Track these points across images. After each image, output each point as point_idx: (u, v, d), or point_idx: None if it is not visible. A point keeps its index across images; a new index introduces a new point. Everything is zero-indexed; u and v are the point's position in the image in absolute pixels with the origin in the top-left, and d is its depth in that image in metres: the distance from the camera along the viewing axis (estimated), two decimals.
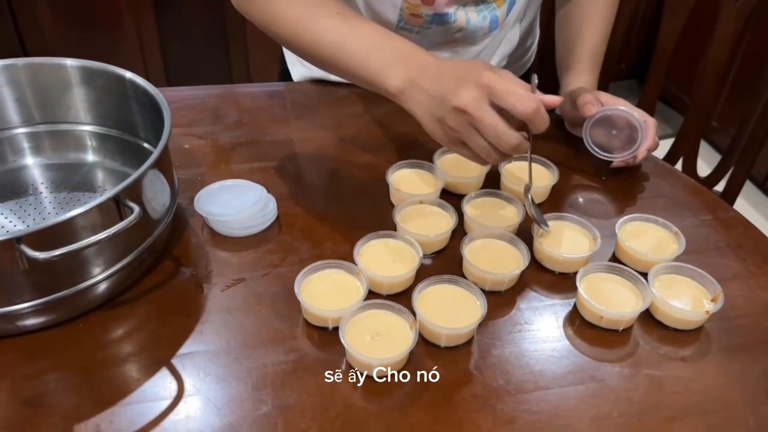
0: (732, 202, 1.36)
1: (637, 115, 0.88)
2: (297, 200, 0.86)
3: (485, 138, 0.67)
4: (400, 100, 0.72)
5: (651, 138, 0.89)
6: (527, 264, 0.74)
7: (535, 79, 0.71)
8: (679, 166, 1.39)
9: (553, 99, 0.69)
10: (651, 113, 1.38)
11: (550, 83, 1.20)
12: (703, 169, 1.39)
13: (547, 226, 0.79)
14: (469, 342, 0.69)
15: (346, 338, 0.65)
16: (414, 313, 0.68)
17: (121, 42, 2.08)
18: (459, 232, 0.82)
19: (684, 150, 1.38)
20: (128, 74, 0.79)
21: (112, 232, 0.61)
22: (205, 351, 0.67)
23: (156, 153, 0.69)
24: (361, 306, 0.68)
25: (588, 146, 0.92)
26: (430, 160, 0.89)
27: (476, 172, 0.89)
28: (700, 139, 1.39)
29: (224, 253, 0.78)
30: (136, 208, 0.63)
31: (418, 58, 0.72)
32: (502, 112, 0.66)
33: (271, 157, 0.94)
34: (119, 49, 2.09)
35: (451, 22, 0.96)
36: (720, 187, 1.38)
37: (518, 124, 0.67)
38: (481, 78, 0.65)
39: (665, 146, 1.42)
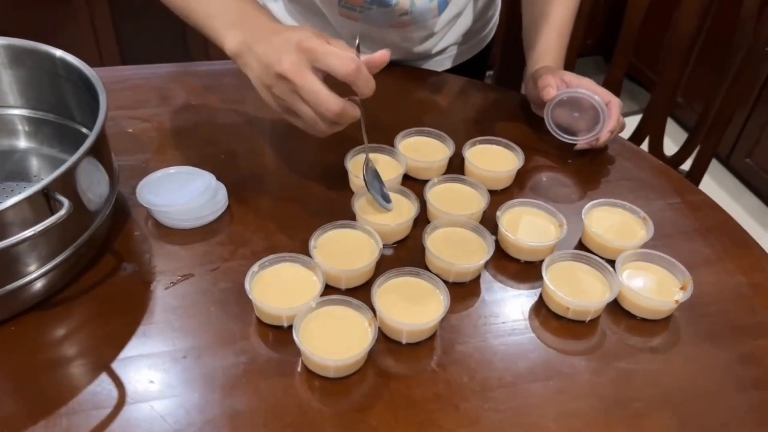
0: (698, 180, 1.35)
1: (598, 98, 0.85)
2: (249, 188, 0.81)
3: (308, 105, 0.64)
4: (238, 64, 0.70)
5: (614, 120, 0.86)
6: (491, 254, 0.71)
7: (357, 40, 0.70)
8: (645, 144, 1.37)
9: (378, 57, 0.65)
10: (617, 90, 1.36)
11: (515, 57, 1.16)
12: (670, 146, 1.37)
13: (389, 202, 0.76)
14: (431, 338, 0.66)
15: (301, 338, 0.61)
16: (373, 309, 0.64)
17: (71, 18, 1.97)
18: (422, 220, 0.78)
19: (651, 128, 1.37)
20: (58, 53, 0.73)
21: (38, 230, 0.56)
22: (149, 354, 0.62)
23: (89, 140, 0.63)
24: (317, 303, 0.64)
25: (550, 129, 0.89)
26: (392, 144, 0.85)
27: (439, 156, 0.85)
28: (667, 117, 1.37)
29: (170, 246, 0.73)
30: (66, 203, 0.58)
31: (256, 21, 0.69)
32: (327, 79, 0.64)
33: (222, 141, 0.89)
34: (68, 25, 1.98)
35: (393, 5, 0.92)
36: (687, 165, 1.36)
37: (350, 92, 0.65)
38: (302, 42, 0.63)
39: (632, 123, 1.40)
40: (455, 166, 0.86)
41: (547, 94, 0.86)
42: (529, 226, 0.76)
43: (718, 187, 2.23)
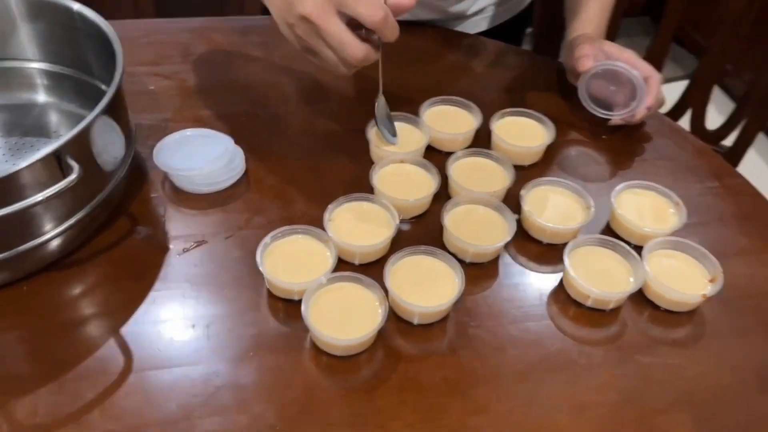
0: (740, 157, 1.28)
1: (636, 72, 0.80)
2: (268, 153, 0.80)
3: (332, 49, 0.62)
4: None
5: (653, 96, 0.81)
6: (512, 236, 0.68)
7: None
8: (688, 115, 1.31)
9: (405, 2, 0.62)
10: (663, 56, 1.29)
11: (557, 20, 1.10)
12: (714, 118, 1.30)
13: (394, 136, 0.77)
14: (444, 319, 0.64)
15: (310, 315, 0.60)
16: (386, 289, 0.62)
17: None
18: (443, 196, 0.75)
19: (695, 99, 1.30)
20: (76, 6, 0.71)
21: (47, 195, 0.55)
22: (158, 321, 0.62)
23: (104, 101, 0.62)
24: (328, 279, 0.62)
25: (584, 102, 0.84)
26: (417, 113, 0.82)
27: (465, 127, 0.81)
28: (712, 88, 1.30)
29: (186, 211, 0.72)
30: (76, 167, 0.57)
31: None
32: (351, 23, 0.62)
33: (244, 102, 0.87)
34: None
35: None
36: (730, 140, 1.29)
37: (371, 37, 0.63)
38: None
39: (676, 90, 1.33)
40: (482, 139, 0.83)
41: (583, 65, 0.82)
42: (554, 206, 0.73)
43: (765, 164, 2.13)
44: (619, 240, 0.69)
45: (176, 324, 0.62)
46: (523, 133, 0.81)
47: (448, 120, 0.83)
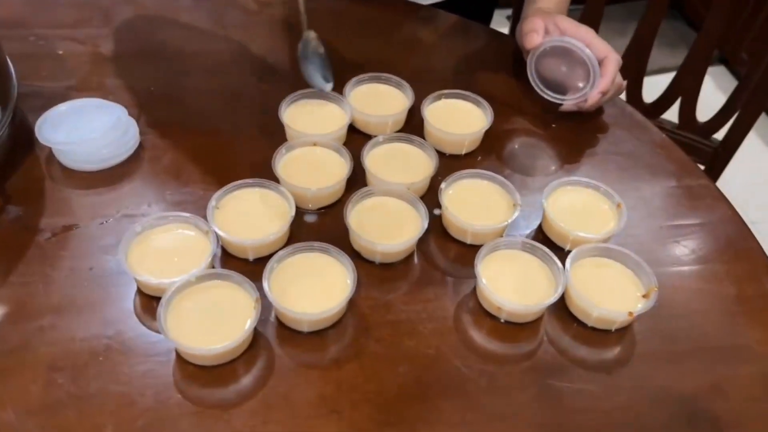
0: (732, 153, 1.18)
1: (588, 51, 0.71)
2: (172, 128, 0.72)
3: None
4: None
5: (608, 79, 0.71)
6: (423, 231, 0.60)
7: None
8: (676, 106, 1.20)
9: None
10: (651, 36, 1.17)
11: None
12: (719, 97, 1.17)
13: (329, 82, 0.69)
14: (335, 327, 0.57)
15: (168, 320, 0.52)
16: (263, 290, 0.54)
17: None
18: (359, 184, 0.67)
19: (684, 85, 1.18)
20: None
21: None
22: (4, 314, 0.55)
23: None
24: (197, 278, 0.55)
25: (532, 82, 0.75)
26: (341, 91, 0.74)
27: (393, 109, 0.73)
28: (704, 74, 1.18)
29: (67, 191, 0.65)
30: None
31: None
32: None
33: (156, 71, 0.79)
34: None
35: None
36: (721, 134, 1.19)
37: None
38: None
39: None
40: (416, 123, 0.74)
41: (531, 41, 0.73)
42: (479, 203, 0.65)
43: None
44: (546, 244, 0.61)
45: (20, 316, 0.55)
46: (459, 117, 0.73)
47: (378, 100, 0.74)
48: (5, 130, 0.63)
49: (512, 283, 0.58)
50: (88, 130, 0.66)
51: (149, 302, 0.57)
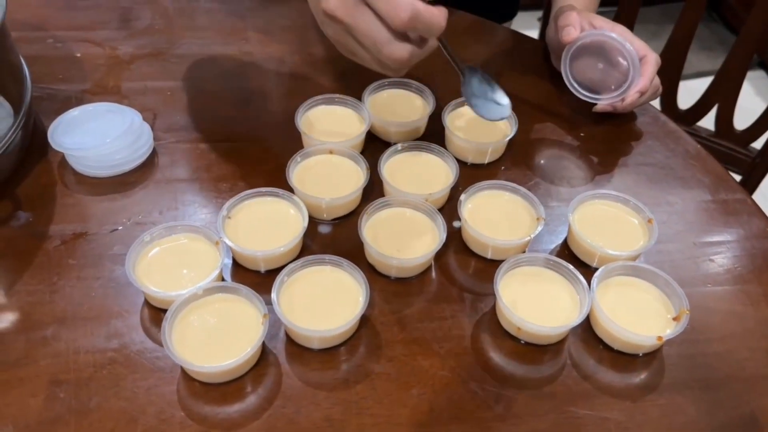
0: None
1: (629, 46, 0.67)
2: (187, 134, 0.70)
3: (365, 49, 0.51)
4: None
5: (647, 78, 0.68)
6: (438, 247, 0.58)
7: None
8: (713, 112, 1.15)
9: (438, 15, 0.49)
10: (689, 38, 1.13)
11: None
12: (758, 103, 1.13)
13: (501, 105, 0.63)
14: (346, 344, 0.54)
15: (173, 332, 0.51)
16: (268, 303, 0.52)
17: None
18: (377, 193, 0.65)
19: (722, 92, 1.14)
20: None
21: None
22: (7, 319, 0.54)
23: None
24: (204, 290, 0.53)
25: (566, 79, 0.72)
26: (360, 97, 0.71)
27: (413, 115, 0.70)
28: (743, 81, 1.13)
29: (78, 197, 0.64)
30: None
31: None
32: None
33: (174, 75, 0.77)
34: None
35: None
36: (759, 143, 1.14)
37: None
38: None
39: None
40: (437, 130, 0.71)
41: (568, 35, 0.70)
42: (501, 216, 0.62)
43: None
44: (571, 261, 0.57)
45: (25, 327, 0.53)
46: (481, 125, 0.70)
47: (397, 106, 0.72)
48: (18, 133, 0.62)
49: (534, 303, 0.55)
50: (100, 135, 0.64)
51: (156, 314, 0.55)
